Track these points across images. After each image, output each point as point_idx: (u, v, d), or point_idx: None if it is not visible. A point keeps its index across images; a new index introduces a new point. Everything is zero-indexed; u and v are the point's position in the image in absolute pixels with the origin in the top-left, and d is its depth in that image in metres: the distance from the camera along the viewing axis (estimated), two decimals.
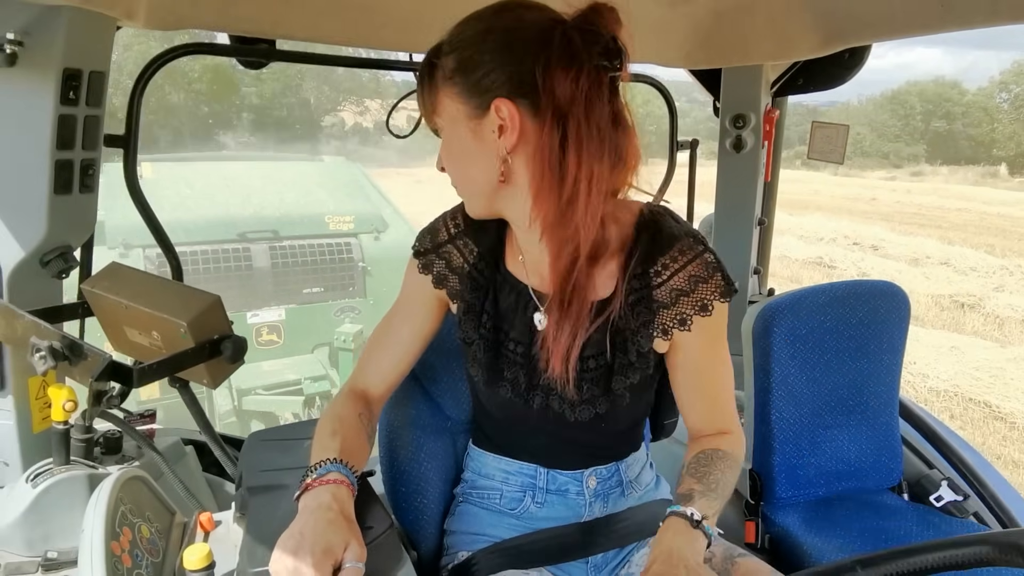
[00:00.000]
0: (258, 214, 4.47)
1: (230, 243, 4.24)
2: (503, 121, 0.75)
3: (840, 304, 1.49)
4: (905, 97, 32.57)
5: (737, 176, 1.79)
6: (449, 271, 0.91)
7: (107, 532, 0.67)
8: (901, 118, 31.77)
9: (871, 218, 14.48)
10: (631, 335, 0.83)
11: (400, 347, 0.94)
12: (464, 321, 0.90)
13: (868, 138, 31.13)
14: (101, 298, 1.01)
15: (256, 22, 1.27)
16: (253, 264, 4.29)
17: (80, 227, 1.16)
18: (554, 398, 0.87)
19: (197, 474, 1.42)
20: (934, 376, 6.30)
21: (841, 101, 31.35)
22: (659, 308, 0.83)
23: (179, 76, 19.45)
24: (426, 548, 1.02)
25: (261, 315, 4.30)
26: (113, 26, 1.11)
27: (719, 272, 0.82)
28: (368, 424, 0.89)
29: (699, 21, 1.56)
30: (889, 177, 25.37)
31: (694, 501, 0.78)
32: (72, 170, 1.09)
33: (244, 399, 3.99)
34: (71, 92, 1.03)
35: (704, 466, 0.84)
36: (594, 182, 0.74)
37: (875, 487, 1.54)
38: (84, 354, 0.86)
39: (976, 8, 1.15)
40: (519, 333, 0.88)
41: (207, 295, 0.98)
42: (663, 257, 0.82)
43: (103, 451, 1.07)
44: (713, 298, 0.82)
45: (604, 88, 0.74)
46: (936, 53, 72.17)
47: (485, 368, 0.89)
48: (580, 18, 0.73)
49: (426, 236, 0.93)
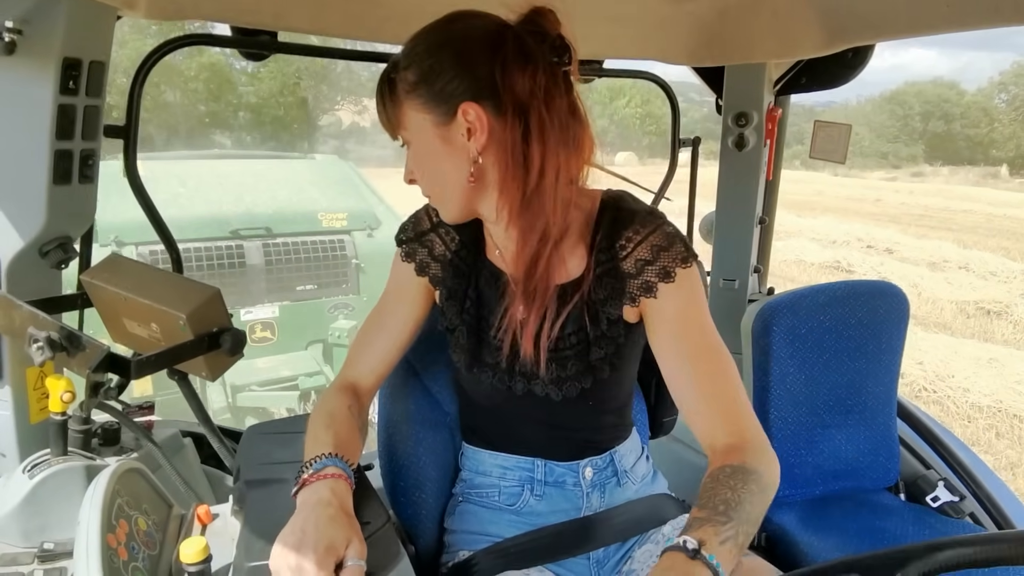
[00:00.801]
0: (251, 211, 4.47)
1: (223, 240, 4.25)
2: (471, 124, 0.79)
3: (840, 304, 1.49)
4: (903, 97, 32.56)
5: (739, 174, 1.79)
6: (431, 259, 0.94)
7: (103, 524, 0.67)
8: (899, 118, 31.79)
9: (880, 220, 14.25)
10: (601, 306, 0.86)
11: (388, 338, 0.95)
12: (447, 307, 0.93)
13: (867, 138, 31.15)
14: (100, 289, 1.01)
15: (257, 14, 1.26)
16: (247, 261, 4.30)
17: (79, 218, 1.15)
18: (536, 383, 0.89)
19: (195, 467, 1.42)
20: (976, 391, 5.78)
21: (838, 101, 31.17)
22: (626, 278, 0.86)
23: (175, 75, 19.39)
24: (424, 543, 1.02)
25: (255, 312, 4.31)
26: (113, 15, 1.10)
27: (678, 241, 0.85)
28: (359, 416, 0.90)
29: (703, 18, 1.56)
30: (890, 178, 25.31)
31: (692, 530, 0.67)
32: (72, 160, 1.08)
33: (238, 395, 4.00)
34: (71, 82, 1.03)
35: (709, 490, 0.72)
36: (560, 170, 0.79)
37: (872, 487, 1.54)
38: (82, 345, 0.85)
39: (980, 9, 1.14)
40: (501, 319, 0.89)
41: (207, 287, 0.98)
42: (626, 231, 0.86)
43: (101, 442, 1.07)
44: (675, 265, 0.84)
45: (560, 82, 0.79)
46: (931, 54, 72.21)
47: (467, 353, 0.91)
48: (525, 21, 0.79)
49: (409, 225, 0.96)
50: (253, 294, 4.32)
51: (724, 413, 0.80)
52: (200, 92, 20.67)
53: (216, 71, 20.09)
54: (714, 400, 0.81)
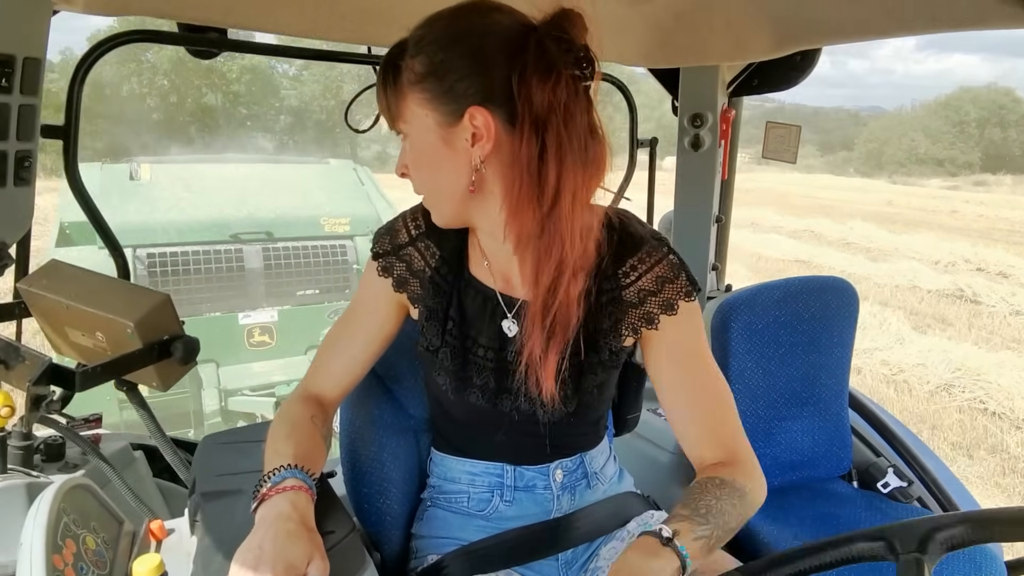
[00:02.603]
0: (253, 216, 4.42)
1: (222, 244, 4.19)
2: (477, 129, 0.73)
3: (794, 299, 1.54)
4: (958, 103, 31.09)
5: (695, 174, 1.83)
6: (410, 275, 0.88)
7: (48, 545, 0.64)
8: (955, 124, 30.60)
9: (970, 235, 12.70)
10: (603, 335, 0.84)
11: (354, 352, 0.91)
12: (427, 328, 0.88)
13: (922, 145, 30.04)
14: (40, 297, 0.96)
15: (206, 9, 1.22)
16: (245, 265, 4.24)
17: (15, 222, 1.09)
18: (523, 401, 0.86)
19: (148, 480, 1.37)
20: None
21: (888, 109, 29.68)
22: (628, 308, 0.84)
23: (217, 76, 18.85)
24: (390, 550, 1.00)
25: (253, 316, 4.24)
26: (49, 10, 1.05)
27: (683, 273, 0.84)
28: (322, 426, 0.86)
29: (659, 21, 1.58)
30: (951, 186, 23.99)
31: (671, 522, 0.71)
32: (6, 162, 1.03)
33: (230, 399, 3.96)
34: (3, 79, 0.97)
35: (695, 494, 0.75)
36: (577, 193, 0.73)
37: (827, 475, 1.60)
38: (21, 357, 0.81)
39: (918, 16, 1.20)
40: (488, 339, 0.87)
41: (156, 293, 0.94)
42: (631, 259, 0.83)
43: (44, 458, 1.02)
44: (678, 298, 0.83)
45: (581, 97, 0.72)
46: (974, 60, 75.24)
47: (453, 376, 0.87)
48: (551, 24, 0.71)
49: (384, 237, 0.90)
50: (252, 298, 4.25)
51: (720, 440, 0.82)
52: (242, 95, 20.13)
53: (258, 73, 19.58)
54: (706, 419, 0.83)
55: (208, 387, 3.89)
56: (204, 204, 4.36)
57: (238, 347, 4.12)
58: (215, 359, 4.02)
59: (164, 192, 4.30)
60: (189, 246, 4.04)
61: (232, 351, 4.09)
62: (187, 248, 4.02)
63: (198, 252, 4.07)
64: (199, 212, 4.28)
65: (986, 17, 1.08)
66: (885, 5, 1.22)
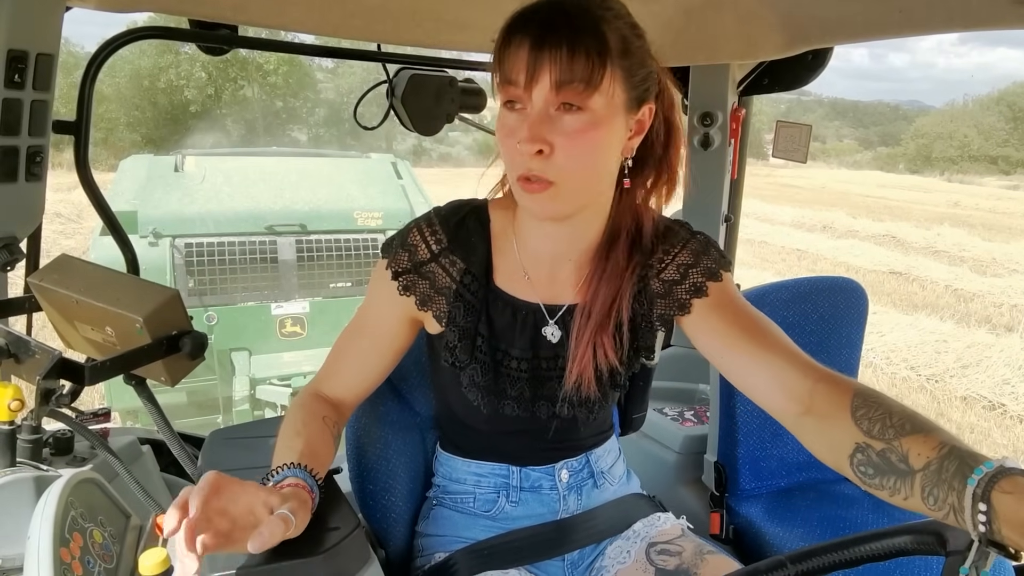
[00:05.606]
0: (288, 208, 4.51)
1: (257, 235, 4.29)
2: (642, 122, 0.76)
3: (803, 300, 1.53)
4: (1012, 99, 30.25)
5: (704, 174, 1.82)
6: (435, 292, 0.84)
7: (56, 538, 0.64)
8: (1009, 120, 29.81)
9: None
10: (635, 328, 0.85)
11: (366, 367, 0.88)
12: (459, 348, 0.84)
13: (975, 141, 29.12)
14: (50, 292, 0.97)
15: (216, 6, 1.22)
16: (279, 257, 4.34)
17: (26, 217, 1.10)
18: (562, 405, 0.85)
19: (155, 475, 1.37)
20: None
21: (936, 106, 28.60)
22: (656, 298, 0.84)
23: (254, 68, 18.95)
24: (394, 547, 1.01)
25: (285, 307, 4.34)
26: (62, 6, 1.06)
27: (706, 254, 0.84)
28: (334, 426, 0.84)
29: (669, 19, 1.57)
30: (1010, 185, 23.03)
31: (973, 456, 0.59)
32: (18, 157, 1.04)
33: (258, 388, 4.05)
34: (16, 75, 0.98)
35: (916, 418, 0.66)
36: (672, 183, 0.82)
37: (834, 477, 1.57)
38: (31, 351, 0.82)
39: (931, 15, 1.19)
40: (521, 349, 0.85)
41: (165, 289, 0.95)
42: (660, 248, 0.85)
43: (53, 452, 1.02)
44: (705, 278, 0.83)
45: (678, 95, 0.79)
46: (1018, 54, 74.34)
47: (485, 391, 0.86)
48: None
49: (402, 254, 0.84)
50: (284, 289, 4.34)
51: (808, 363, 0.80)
52: (279, 87, 20.19)
53: (295, 65, 19.59)
54: (796, 354, 0.80)
55: (240, 375, 3.98)
56: (241, 196, 4.44)
57: (270, 337, 4.19)
58: (248, 347, 4.11)
59: (205, 184, 4.38)
60: (225, 237, 4.13)
61: (264, 340, 4.17)
62: (223, 239, 4.12)
63: (233, 243, 4.16)
64: (236, 204, 4.36)
65: (1001, 17, 1.07)
66: (899, 4, 1.21)
